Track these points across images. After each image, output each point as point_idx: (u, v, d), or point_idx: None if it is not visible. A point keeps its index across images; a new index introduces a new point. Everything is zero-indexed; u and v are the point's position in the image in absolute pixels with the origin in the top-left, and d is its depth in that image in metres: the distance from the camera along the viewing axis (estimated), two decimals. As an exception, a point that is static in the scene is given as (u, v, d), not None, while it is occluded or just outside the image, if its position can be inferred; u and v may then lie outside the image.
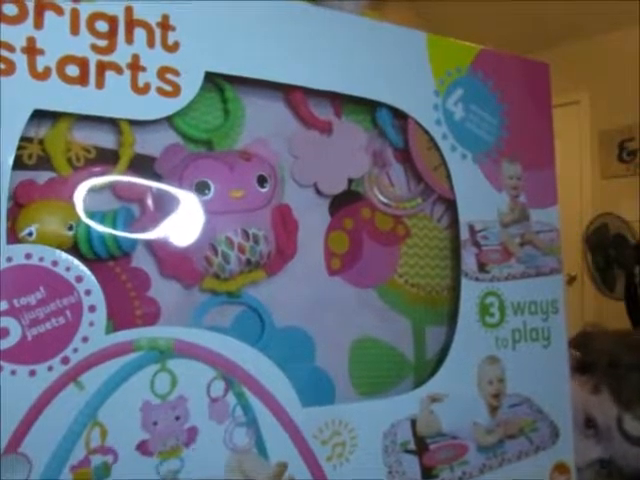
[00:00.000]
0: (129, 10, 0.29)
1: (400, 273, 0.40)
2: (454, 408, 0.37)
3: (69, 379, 0.26)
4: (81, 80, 0.28)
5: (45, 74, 0.27)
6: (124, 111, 0.29)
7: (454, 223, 0.40)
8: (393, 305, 0.39)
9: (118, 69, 0.29)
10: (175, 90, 0.30)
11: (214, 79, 0.33)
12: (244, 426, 0.30)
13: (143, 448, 0.28)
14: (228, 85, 0.34)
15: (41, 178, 0.29)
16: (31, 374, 0.26)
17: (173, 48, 0.30)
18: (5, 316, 0.25)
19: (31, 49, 0.27)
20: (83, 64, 0.28)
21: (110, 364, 0.27)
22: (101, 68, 0.28)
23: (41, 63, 0.27)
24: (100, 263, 0.29)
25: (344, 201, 0.38)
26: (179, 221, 0.31)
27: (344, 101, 0.38)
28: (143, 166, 0.31)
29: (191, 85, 0.30)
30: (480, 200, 0.40)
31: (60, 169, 0.29)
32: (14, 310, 0.26)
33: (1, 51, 0.26)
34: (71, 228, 0.28)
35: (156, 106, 0.30)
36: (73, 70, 0.28)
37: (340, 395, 0.36)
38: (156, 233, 0.30)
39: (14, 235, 0.27)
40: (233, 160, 0.32)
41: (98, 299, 0.27)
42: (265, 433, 0.31)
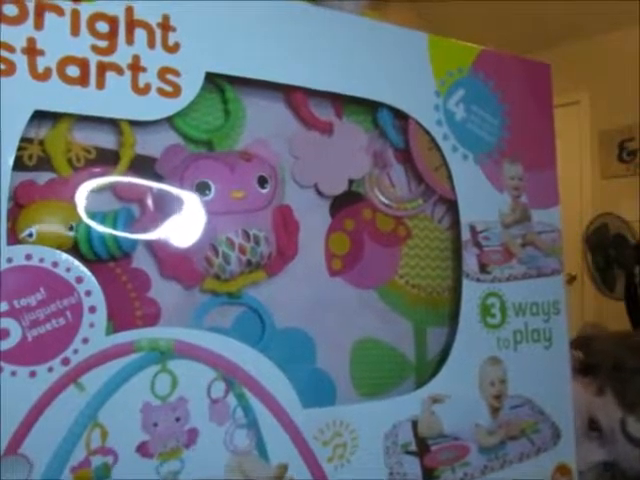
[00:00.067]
0: (129, 11, 0.29)
1: (401, 274, 0.40)
2: (455, 409, 0.37)
3: (69, 380, 0.26)
4: (81, 81, 0.28)
5: (45, 75, 0.27)
6: (124, 112, 0.29)
7: (455, 224, 0.40)
8: (394, 306, 0.39)
9: (119, 70, 0.29)
10: (175, 91, 0.30)
11: (214, 80, 0.33)
12: (245, 427, 0.30)
13: (143, 449, 0.28)
14: (229, 86, 0.34)
15: (41, 179, 0.29)
16: (31, 375, 0.26)
17: (174, 49, 0.30)
18: (5, 317, 0.25)
19: (31, 50, 0.27)
20: (83, 65, 0.28)
21: (110, 365, 0.27)
22: (101, 69, 0.28)
23: (41, 64, 0.27)
24: (100, 264, 0.29)
25: (345, 202, 0.38)
26: (180, 222, 0.31)
27: (345, 102, 0.38)
28: (144, 167, 0.31)
29: (191, 86, 0.30)
30: (481, 201, 0.40)
31: (60, 170, 0.29)
32: (14, 311, 0.25)
33: (1, 52, 0.26)
34: (71, 229, 0.28)
35: (156, 107, 0.30)
36: (73, 71, 0.28)
37: (341, 396, 0.36)
38: (156, 234, 0.30)
39: (14, 236, 0.27)
40: (234, 161, 0.32)
41: (98, 300, 0.27)
42: (266, 434, 0.31)
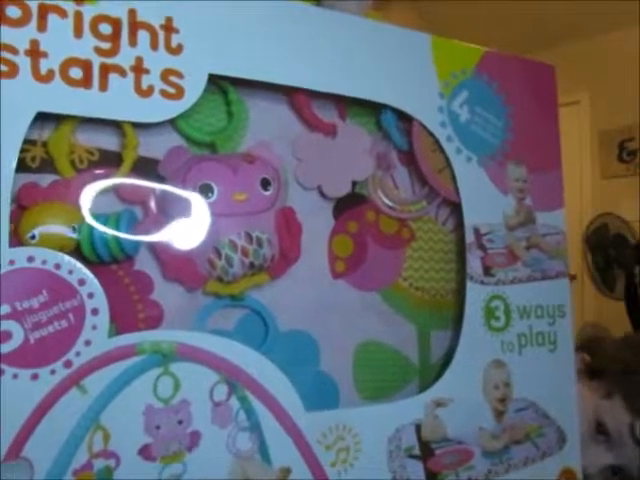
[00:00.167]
0: (132, 13, 0.29)
1: (405, 276, 0.39)
2: (459, 413, 0.37)
3: (72, 383, 0.26)
4: (84, 83, 0.28)
5: (48, 77, 0.27)
6: (127, 114, 0.29)
7: (459, 226, 0.40)
8: (398, 309, 0.39)
9: (121, 72, 0.29)
10: (178, 92, 0.30)
11: (218, 81, 0.33)
12: (247, 430, 0.30)
13: (146, 452, 0.28)
14: (232, 87, 0.33)
15: (44, 181, 0.29)
16: (33, 378, 0.25)
17: (177, 50, 0.30)
18: (7, 319, 0.25)
19: (34, 52, 0.27)
20: (86, 67, 0.28)
21: (113, 368, 0.27)
22: (104, 71, 0.28)
23: (44, 66, 0.27)
24: (103, 266, 0.29)
25: (348, 204, 0.38)
26: (182, 224, 0.31)
27: (348, 103, 0.37)
28: (146, 169, 0.31)
29: (195, 87, 0.30)
30: (485, 203, 0.40)
31: (63, 172, 0.29)
32: (17, 313, 0.25)
33: (4, 54, 0.26)
34: (74, 231, 0.28)
35: (159, 109, 0.30)
36: (76, 73, 0.27)
37: (344, 399, 0.36)
38: (159, 236, 0.30)
39: (17, 238, 0.27)
40: (236, 163, 0.32)
41: (101, 302, 0.27)
42: (268, 438, 0.30)
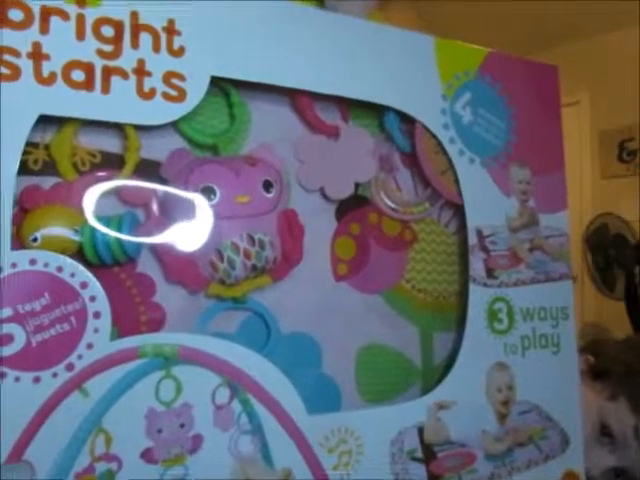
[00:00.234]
0: (134, 15, 0.29)
1: (407, 278, 0.39)
2: (462, 415, 0.37)
3: (73, 386, 0.26)
4: (87, 85, 0.28)
5: (51, 79, 0.27)
6: (130, 116, 0.29)
7: (462, 228, 0.39)
8: (400, 311, 0.39)
9: (124, 74, 0.29)
10: (181, 95, 0.30)
11: (220, 84, 0.33)
12: (249, 434, 0.30)
13: (148, 456, 0.28)
14: (234, 89, 0.33)
15: (46, 183, 0.29)
16: (35, 381, 0.25)
17: (179, 53, 0.30)
18: (10, 322, 0.25)
19: (37, 54, 0.27)
20: (89, 69, 0.28)
21: (115, 371, 0.27)
22: (107, 73, 0.28)
23: (47, 68, 0.27)
24: (105, 269, 0.29)
25: (351, 206, 0.38)
26: (184, 226, 0.31)
27: (351, 105, 0.37)
28: (149, 171, 0.31)
29: (197, 90, 0.30)
30: (488, 205, 0.40)
31: (66, 174, 0.29)
32: (19, 316, 0.25)
33: (7, 56, 0.26)
34: (76, 233, 0.28)
35: (162, 111, 0.29)
36: (79, 75, 0.27)
37: (346, 402, 0.36)
38: (161, 238, 0.30)
39: (19, 241, 0.27)
40: (239, 165, 0.32)
41: (103, 305, 0.27)
42: (270, 441, 0.30)
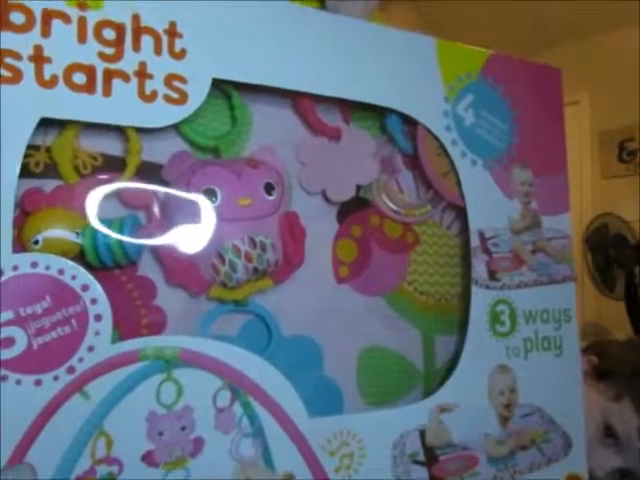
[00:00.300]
0: (136, 18, 0.29)
1: (409, 281, 0.39)
2: (464, 418, 0.36)
3: (75, 389, 0.26)
4: (88, 88, 0.28)
5: (52, 82, 0.27)
6: (131, 119, 0.29)
7: (464, 230, 0.39)
8: (402, 313, 0.39)
9: (125, 77, 0.29)
10: (182, 97, 0.30)
11: (221, 86, 0.33)
12: (250, 437, 0.30)
13: (149, 458, 0.28)
14: (235, 92, 0.33)
15: (48, 186, 0.29)
16: (36, 384, 0.25)
17: (180, 55, 0.30)
18: (11, 325, 0.25)
19: (38, 57, 0.27)
20: (90, 72, 0.28)
21: (116, 374, 0.27)
22: (108, 76, 0.28)
23: (48, 71, 0.27)
24: (106, 271, 0.29)
25: (352, 208, 0.38)
26: (186, 229, 0.31)
27: (353, 107, 0.37)
28: (150, 173, 0.31)
29: (198, 92, 0.30)
30: (491, 207, 0.40)
31: (67, 177, 0.29)
32: (20, 319, 0.25)
33: (8, 59, 0.26)
34: (77, 236, 0.28)
35: (163, 113, 0.29)
36: (80, 78, 0.27)
37: (348, 405, 0.35)
38: (163, 241, 0.30)
39: (20, 243, 0.27)
40: (240, 167, 0.32)
41: (104, 308, 0.27)
42: (272, 444, 0.30)
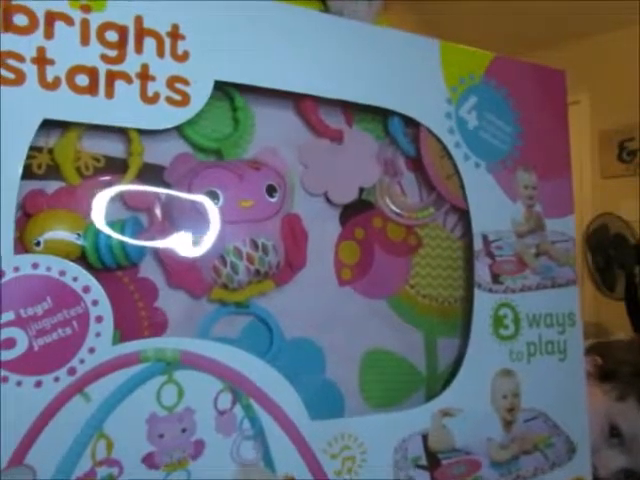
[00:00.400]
0: (139, 20, 0.29)
1: (412, 284, 0.39)
2: (467, 423, 0.36)
3: (75, 390, 0.26)
4: (90, 90, 0.28)
5: (55, 84, 0.27)
6: (133, 120, 0.29)
7: (467, 233, 0.39)
8: (405, 316, 0.39)
9: (127, 79, 0.29)
10: (184, 99, 0.30)
11: (224, 88, 0.33)
12: (251, 439, 0.30)
13: (149, 461, 0.28)
14: (238, 94, 0.33)
15: (50, 187, 0.29)
16: (37, 385, 0.25)
17: (183, 57, 0.30)
18: (12, 326, 0.25)
19: (41, 59, 0.27)
20: (93, 74, 0.28)
21: (116, 375, 0.27)
22: (111, 78, 0.28)
23: (51, 73, 0.27)
24: (108, 273, 0.29)
25: (355, 210, 0.37)
26: (188, 231, 0.31)
27: (355, 109, 0.37)
28: (152, 175, 0.31)
29: (200, 94, 0.30)
30: (494, 210, 0.39)
31: (69, 178, 0.29)
32: (21, 320, 0.25)
33: (11, 61, 0.26)
34: (79, 238, 0.28)
35: (165, 115, 0.30)
36: (83, 80, 0.28)
37: (350, 408, 0.35)
38: (164, 243, 0.30)
39: (22, 245, 0.27)
40: (242, 169, 0.32)
41: (105, 309, 0.27)
42: (273, 446, 0.30)
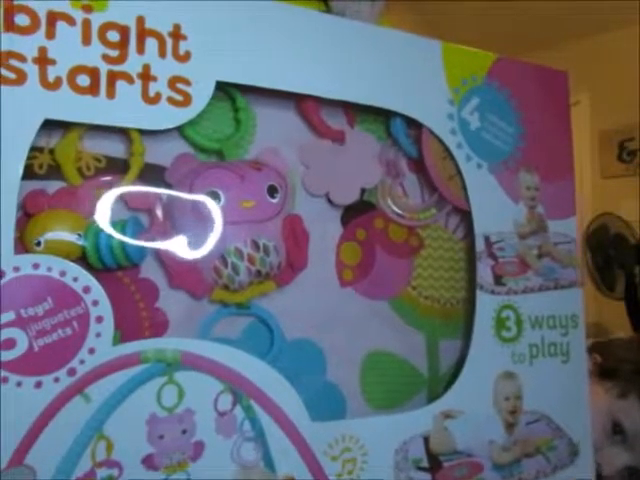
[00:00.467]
0: (140, 20, 0.29)
1: (413, 285, 0.39)
2: (469, 425, 0.36)
3: (75, 391, 0.26)
4: (92, 90, 0.28)
5: (56, 84, 0.27)
6: (135, 121, 0.29)
7: (469, 234, 0.39)
8: (406, 318, 0.38)
9: (129, 79, 0.29)
10: (186, 100, 0.30)
11: (225, 88, 0.32)
12: (252, 441, 0.30)
13: (149, 462, 0.28)
14: (239, 94, 0.33)
15: (51, 188, 0.29)
16: (37, 385, 0.25)
17: (184, 58, 0.30)
18: (12, 327, 0.25)
19: (42, 59, 0.27)
20: (94, 74, 0.28)
21: (117, 376, 0.27)
22: (112, 78, 0.28)
23: (52, 73, 0.27)
24: (108, 273, 0.29)
25: (357, 211, 0.37)
26: (189, 231, 0.30)
27: (357, 110, 0.37)
28: (153, 176, 0.31)
29: (202, 95, 0.30)
30: (496, 211, 0.39)
31: (70, 179, 0.29)
32: (21, 321, 0.25)
33: (12, 61, 0.26)
34: (80, 238, 0.28)
35: (167, 116, 0.29)
36: (84, 80, 0.28)
37: (351, 410, 0.35)
38: (165, 243, 0.30)
39: (22, 245, 0.27)
40: (244, 170, 0.32)
41: (105, 310, 0.27)
42: (273, 448, 0.30)
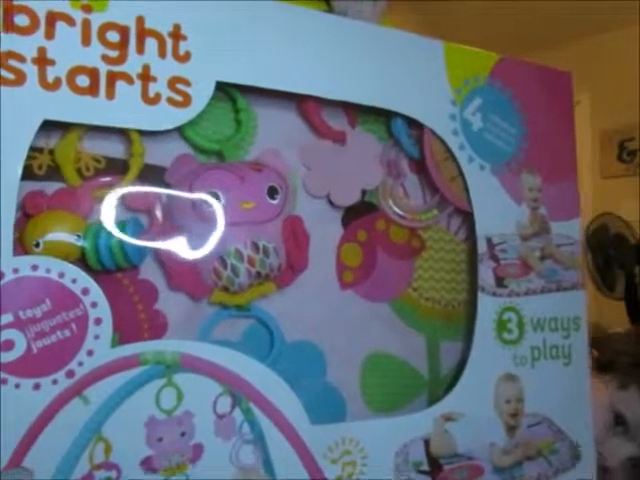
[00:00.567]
0: (140, 20, 0.29)
1: (414, 287, 0.39)
2: (469, 427, 0.36)
3: (74, 393, 0.26)
4: (91, 90, 0.28)
5: (55, 84, 0.27)
6: (134, 121, 0.29)
7: (471, 236, 0.39)
8: (407, 320, 0.38)
9: (129, 79, 0.28)
10: (186, 100, 0.30)
11: (225, 89, 0.32)
12: (251, 443, 0.30)
13: (147, 464, 0.27)
14: (240, 95, 0.33)
15: (50, 188, 0.29)
16: (35, 387, 0.25)
17: (184, 58, 0.30)
18: (10, 328, 0.25)
19: (42, 59, 0.27)
20: (93, 74, 0.28)
21: (115, 378, 0.27)
22: (111, 78, 0.28)
23: (51, 73, 0.27)
24: (107, 275, 0.29)
25: (358, 212, 0.37)
26: (188, 233, 0.30)
27: (358, 111, 0.37)
28: (153, 176, 0.31)
29: (202, 95, 0.30)
30: (498, 212, 0.39)
31: (70, 179, 0.29)
32: (19, 322, 0.25)
33: (12, 61, 0.26)
34: (79, 239, 0.28)
35: (166, 116, 0.29)
36: (83, 80, 0.27)
37: (351, 412, 0.35)
38: (164, 244, 0.30)
39: (21, 246, 0.27)
40: (244, 171, 0.32)
41: (104, 312, 0.27)
42: (272, 451, 0.30)
